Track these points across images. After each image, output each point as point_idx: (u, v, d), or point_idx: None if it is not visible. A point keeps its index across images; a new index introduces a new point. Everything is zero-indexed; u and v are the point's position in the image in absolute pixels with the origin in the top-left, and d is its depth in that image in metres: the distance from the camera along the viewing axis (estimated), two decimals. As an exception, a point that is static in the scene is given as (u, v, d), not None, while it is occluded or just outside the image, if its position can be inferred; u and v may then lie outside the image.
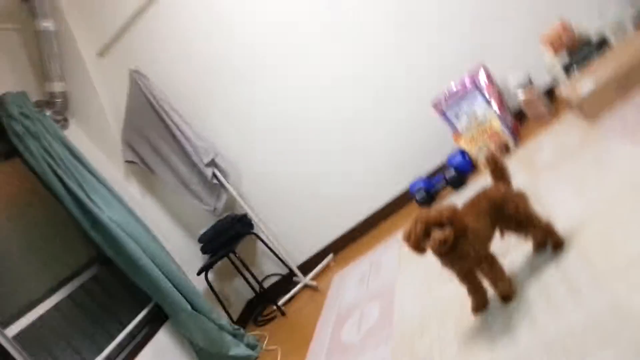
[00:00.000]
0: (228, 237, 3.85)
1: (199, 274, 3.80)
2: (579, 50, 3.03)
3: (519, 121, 3.49)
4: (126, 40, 3.93)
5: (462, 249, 1.81)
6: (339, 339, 2.73)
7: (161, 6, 3.81)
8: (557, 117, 3.18)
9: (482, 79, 3.31)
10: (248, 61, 3.80)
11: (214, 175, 3.82)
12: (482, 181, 3.18)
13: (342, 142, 3.83)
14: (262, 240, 4.04)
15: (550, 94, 3.34)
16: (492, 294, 1.95)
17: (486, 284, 1.94)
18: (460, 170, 3.29)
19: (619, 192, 1.99)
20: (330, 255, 4.02)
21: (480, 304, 1.97)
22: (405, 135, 3.71)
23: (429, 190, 3.35)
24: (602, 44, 3.01)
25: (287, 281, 4.10)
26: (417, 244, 1.81)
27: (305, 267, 4.02)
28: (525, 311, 1.76)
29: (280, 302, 3.79)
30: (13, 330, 2.69)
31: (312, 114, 3.82)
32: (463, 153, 3.37)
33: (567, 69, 3.08)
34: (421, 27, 3.49)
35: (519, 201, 1.87)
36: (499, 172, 1.95)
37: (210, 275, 3.88)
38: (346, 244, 4.02)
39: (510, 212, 1.86)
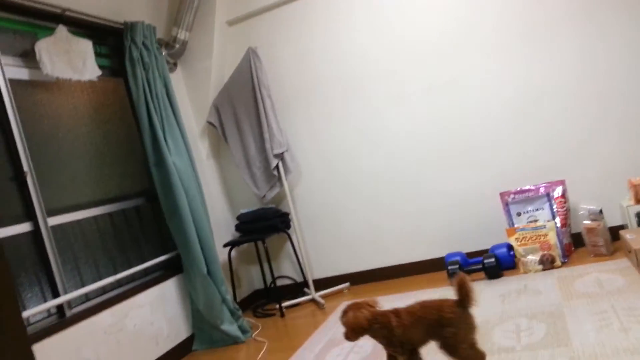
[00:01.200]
0: (264, 226, 4.02)
1: (225, 246, 3.98)
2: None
3: (574, 244, 3.51)
4: (259, 20, 4.22)
5: (387, 338, 2.14)
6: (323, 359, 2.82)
7: (308, 4, 4.06)
8: (611, 256, 3.20)
9: (557, 192, 3.38)
10: (358, 87, 3.99)
11: (277, 167, 4.01)
12: (516, 279, 3.23)
13: (403, 189, 3.95)
14: (292, 243, 4.18)
15: (614, 232, 3.35)
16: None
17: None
18: (500, 262, 3.33)
19: (633, 350, 2.01)
20: (347, 284, 4.12)
21: None
22: (464, 209, 3.80)
23: (463, 267, 3.40)
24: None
25: (297, 289, 4.22)
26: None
27: (320, 284, 4.14)
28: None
29: (283, 304, 3.91)
30: (53, 221, 2.94)
31: (389, 153, 3.96)
32: (509, 248, 3.42)
33: (640, 219, 3.11)
34: (533, 123, 3.57)
35: (460, 331, 2.02)
36: (463, 297, 2.05)
37: (233, 252, 4.06)
38: (365, 281, 4.11)
39: (445, 335, 2.03)
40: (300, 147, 4.20)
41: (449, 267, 3.41)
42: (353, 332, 2.13)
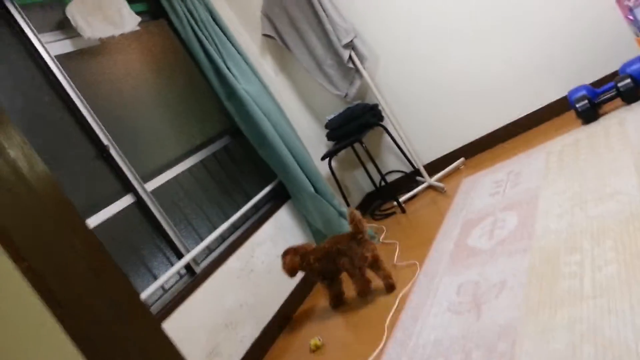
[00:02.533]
0: (356, 126, 3.73)
1: (323, 159, 3.77)
2: None
3: None
4: None
5: (311, 272, 2.79)
6: (465, 243, 2.59)
7: None
8: None
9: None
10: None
11: (350, 58, 3.63)
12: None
13: (496, 35, 3.42)
14: (390, 135, 3.87)
15: None
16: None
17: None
18: (637, 80, 2.82)
19: None
20: (462, 159, 3.78)
21: (332, 300, 2.82)
22: (573, 36, 3.23)
23: (592, 99, 2.93)
24: None
25: (410, 179, 3.95)
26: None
27: (432, 168, 3.83)
28: None
29: (400, 199, 3.68)
30: (151, 185, 2.84)
31: (466, 2, 3.42)
32: (645, 60, 2.88)
33: None
34: None
35: (353, 261, 2.55)
36: (355, 231, 2.55)
37: (332, 163, 3.84)
38: (481, 149, 3.74)
39: (342, 263, 2.60)
40: (368, 30, 3.73)
41: (577, 106, 2.95)
42: (290, 272, 2.75)
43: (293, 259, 2.74)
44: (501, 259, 2.23)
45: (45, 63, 2.56)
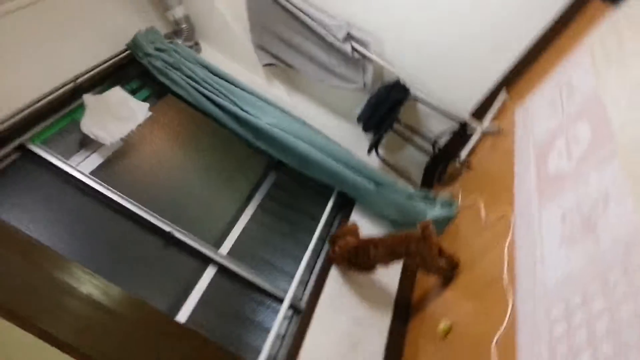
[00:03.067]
0: (387, 108, 3.64)
1: (369, 152, 3.70)
2: None
3: None
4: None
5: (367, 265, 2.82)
6: (546, 172, 2.44)
7: None
8: None
9: None
10: None
11: (354, 49, 3.55)
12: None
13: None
14: (423, 101, 3.75)
15: None
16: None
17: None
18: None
19: None
20: (503, 92, 3.60)
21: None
22: None
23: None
24: None
25: (461, 134, 3.80)
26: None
27: (478, 114, 3.68)
28: None
29: (462, 157, 3.54)
30: (225, 249, 2.86)
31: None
32: None
33: None
34: None
35: (427, 256, 2.57)
36: (428, 238, 2.55)
37: (380, 151, 3.76)
38: (518, 75, 3.54)
39: (417, 262, 2.67)
40: (358, 13, 3.62)
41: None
42: (342, 259, 2.83)
43: (349, 240, 2.80)
44: (592, 173, 2.08)
45: (85, 184, 2.61)
